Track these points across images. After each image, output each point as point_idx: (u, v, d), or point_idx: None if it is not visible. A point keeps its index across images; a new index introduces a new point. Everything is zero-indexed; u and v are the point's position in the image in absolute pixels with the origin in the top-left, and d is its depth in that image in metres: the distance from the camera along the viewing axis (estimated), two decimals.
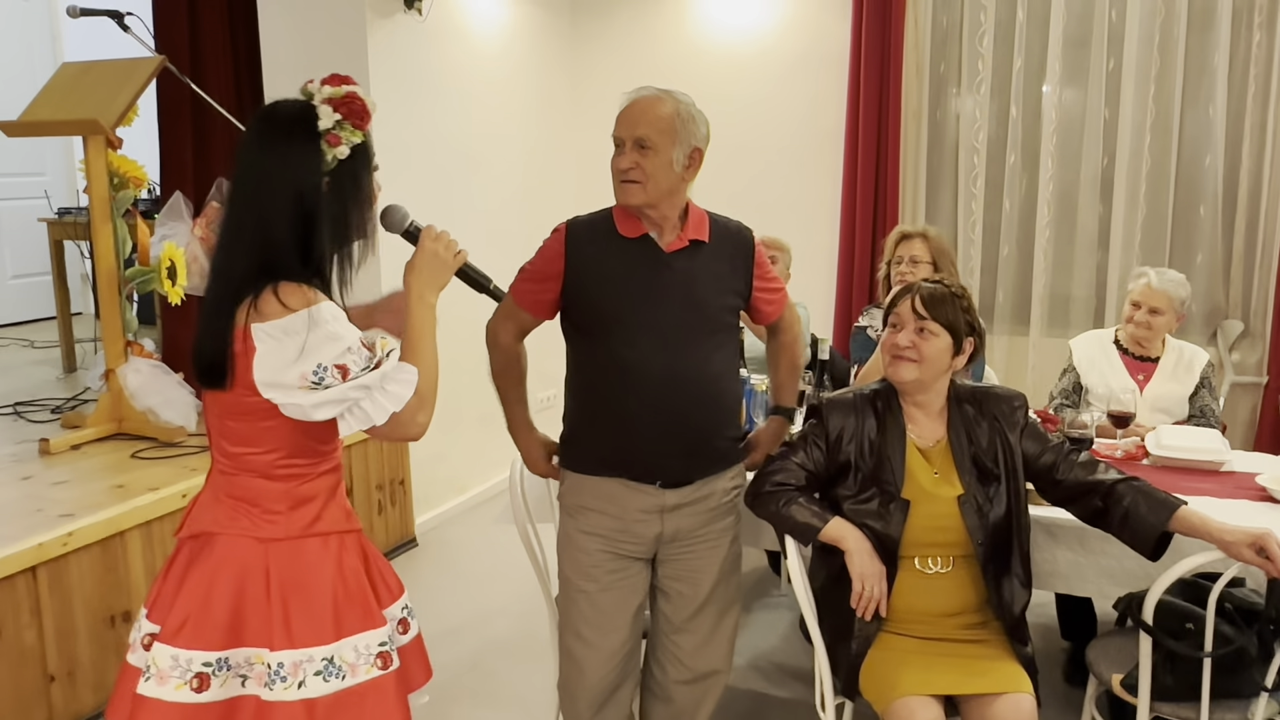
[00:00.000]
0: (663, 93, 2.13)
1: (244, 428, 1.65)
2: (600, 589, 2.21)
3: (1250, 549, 1.97)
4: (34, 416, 4.09)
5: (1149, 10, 4.38)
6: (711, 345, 2.17)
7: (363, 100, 1.65)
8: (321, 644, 1.64)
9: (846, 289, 4.96)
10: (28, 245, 6.53)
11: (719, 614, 2.28)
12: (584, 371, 2.21)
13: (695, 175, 2.16)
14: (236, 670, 1.63)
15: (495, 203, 4.76)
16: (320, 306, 1.56)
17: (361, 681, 1.66)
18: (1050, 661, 3.13)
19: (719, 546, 2.24)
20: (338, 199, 1.63)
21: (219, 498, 1.69)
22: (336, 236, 1.64)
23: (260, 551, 1.64)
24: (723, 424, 2.23)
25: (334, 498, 1.73)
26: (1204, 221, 4.46)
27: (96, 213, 3.60)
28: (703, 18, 5.18)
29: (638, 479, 2.15)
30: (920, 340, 2.18)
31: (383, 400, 1.58)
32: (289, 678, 1.61)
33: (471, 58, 4.67)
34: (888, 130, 4.77)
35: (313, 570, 1.66)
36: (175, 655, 1.60)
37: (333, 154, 1.61)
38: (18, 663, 2.67)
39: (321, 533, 1.69)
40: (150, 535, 3.04)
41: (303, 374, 1.54)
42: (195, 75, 3.93)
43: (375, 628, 1.71)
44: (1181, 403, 3.15)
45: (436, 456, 4.36)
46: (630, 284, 2.12)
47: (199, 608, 1.62)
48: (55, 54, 6.72)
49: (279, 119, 1.64)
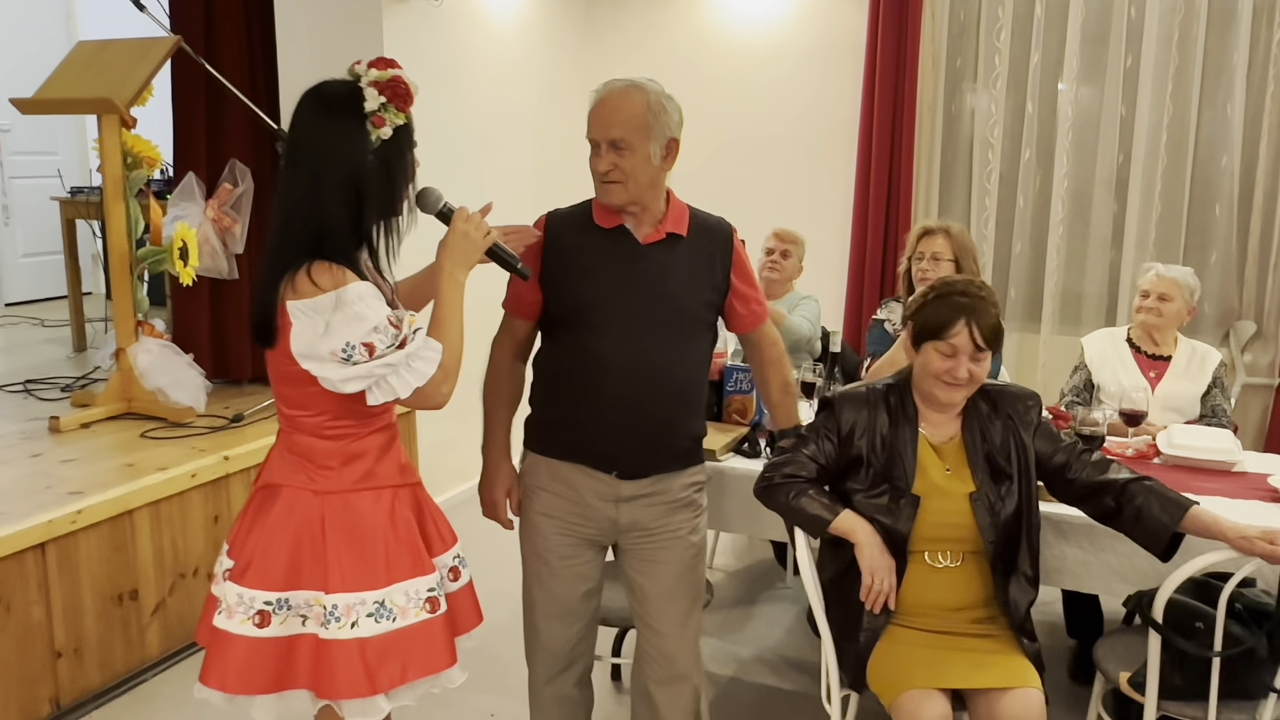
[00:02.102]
0: (630, 85, 2.10)
1: (293, 393, 1.78)
2: (550, 573, 2.22)
3: (1263, 540, 1.96)
4: (44, 395, 4.10)
5: (1168, 8, 4.35)
6: (682, 341, 2.16)
7: (407, 84, 1.74)
8: (373, 588, 1.77)
9: (858, 283, 4.95)
10: (39, 224, 6.55)
11: (684, 610, 2.24)
12: (553, 356, 2.21)
13: (673, 164, 2.14)
14: (297, 610, 1.78)
15: (508, 190, 4.75)
16: (349, 288, 1.66)
17: (411, 624, 1.79)
18: (1056, 659, 3.12)
19: (678, 539, 2.21)
20: (384, 176, 1.74)
21: (283, 453, 1.84)
22: (383, 210, 1.76)
23: (317, 503, 1.78)
24: (686, 421, 2.21)
25: (387, 454, 1.85)
26: (1219, 221, 4.44)
27: (110, 192, 3.60)
28: (717, 7, 5.16)
29: (595, 466, 2.15)
30: (975, 368, 2.15)
31: (407, 376, 1.69)
32: (343, 618, 1.74)
33: (486, 44, 4.66)
34: (902, 124, 4.75)
35: (365, 520, 1.79)
36: (240, 593, 1.76)
37: (377, 134, 1.71)
38: (25, 638, 2.69)
39: (375, 486, 1.82)
40: (159, 514, 3.06)
41: (333, 350, 1.65)
42: (210, 56, 3.92)
43: (425, 574, 1.83)
44: (1193, 402, 3.14)
45: (445, 443, 4.36)
46: (604, 275, 2.11)
47: (262, 552, 1.78)
48: (70, 32, 6.72)
49: (328, 99, 1.73)
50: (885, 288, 4.82)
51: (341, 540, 1.78)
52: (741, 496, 2.64)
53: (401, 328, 1.69)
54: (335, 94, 1.73)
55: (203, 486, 3.20)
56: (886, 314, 3.51)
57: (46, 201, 5.88)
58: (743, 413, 2.96)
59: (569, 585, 2.23)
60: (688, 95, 5.71)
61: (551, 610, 2.25)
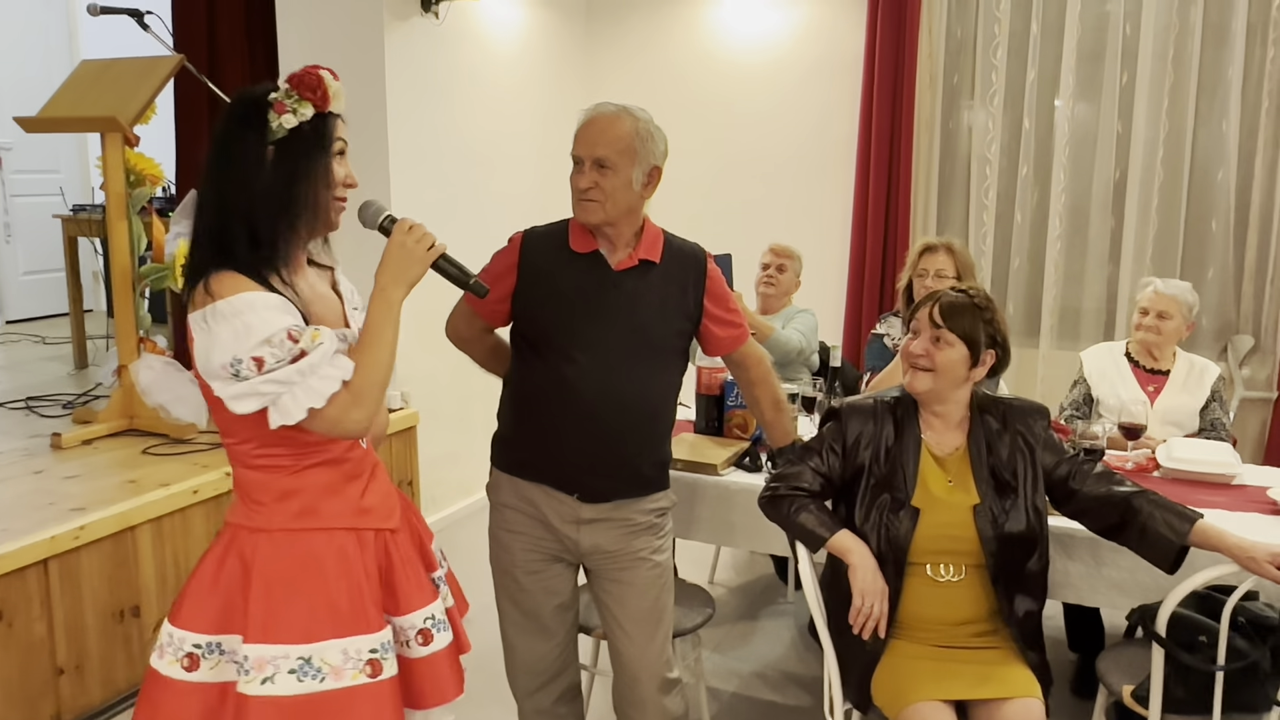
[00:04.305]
0: (621, 110, 2.12)
1: (217, 418, 1.64)
2: (519, 589, 2.24)
3: (1270, 563, 1.96)
4: (46, 411, 4.11)
5: (1163, 25, 4.39)
6: (652, 369, 2.17)
7: (318, 75, 1.60)
8: (299, 641, 1.59)
9: (857, 297, 4.97)
10: (41, 241, 6.56)
11: (648, 633, 2.24)
12: (523, 377, 2.21)
13: (653, 193, 2.15)
14: (230, 656, 1.63)
15: (508, 205, 4.77)
16: (241, 296, 1.52)
17: (345, 686, 1.60)
18: (1058, 673, 3.11)
19: (640, 561, 2.21)
20: (283, 173, 1.58)
21: (234, 488, 1.70)
22: (282, 215, 1.58)
23: (251, 542, 1.63)
24: (651, 448, 2.22)
25: (338, 493, 1.67)
26: (1215, 236, 4.46)
27: (113, 209, 3.62)
28: (717, 25, 5.20)
29: (557, 487, 2.17)
30: (934, 349, 2.18)
31: (301, 395, 1.53)
32: (252, 671, 1.57)
33: (487, 61, 4.69)
34: (900, 140, 4.78)
35: (301, 565, 1.62)
36: (171, 633, 1.65)
37: (278, 121, 1.57)
38: (27, 655, 2.68)
39: (322, 527, 1.64)
40: (161, 531, 3.05)
41: (223, 364, 1.51)
42: (213, 74, 3.95)
43: (369, 631, 1.64)
44: (1192, 415, 3.15)
45: (446, 458, 4.36)
46: (575, 300, 2.12)
47: (195, 590, 1.65)
48: (73, 51, 6.75)
49: (237, 100, 1.63)
50: (885, 302, 4.84)
51: (268, 585, 1.60)
52: (744, 511, 2.65)
53: (300, 341, 1.53)
54: (246, 95, 1.61)
55: (205, 502, 3.20)
56: (885, 328, 3.52)
57: (48, 219, 5.89)
58: (744, 427, 2.97)
59: (539, 600, 2.24)
60: (688, 112, 5.78)
61: (525, 626, 2.27)
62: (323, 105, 1.61)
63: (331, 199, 1.65)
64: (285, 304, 1.56)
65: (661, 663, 2.26)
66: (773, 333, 3.49)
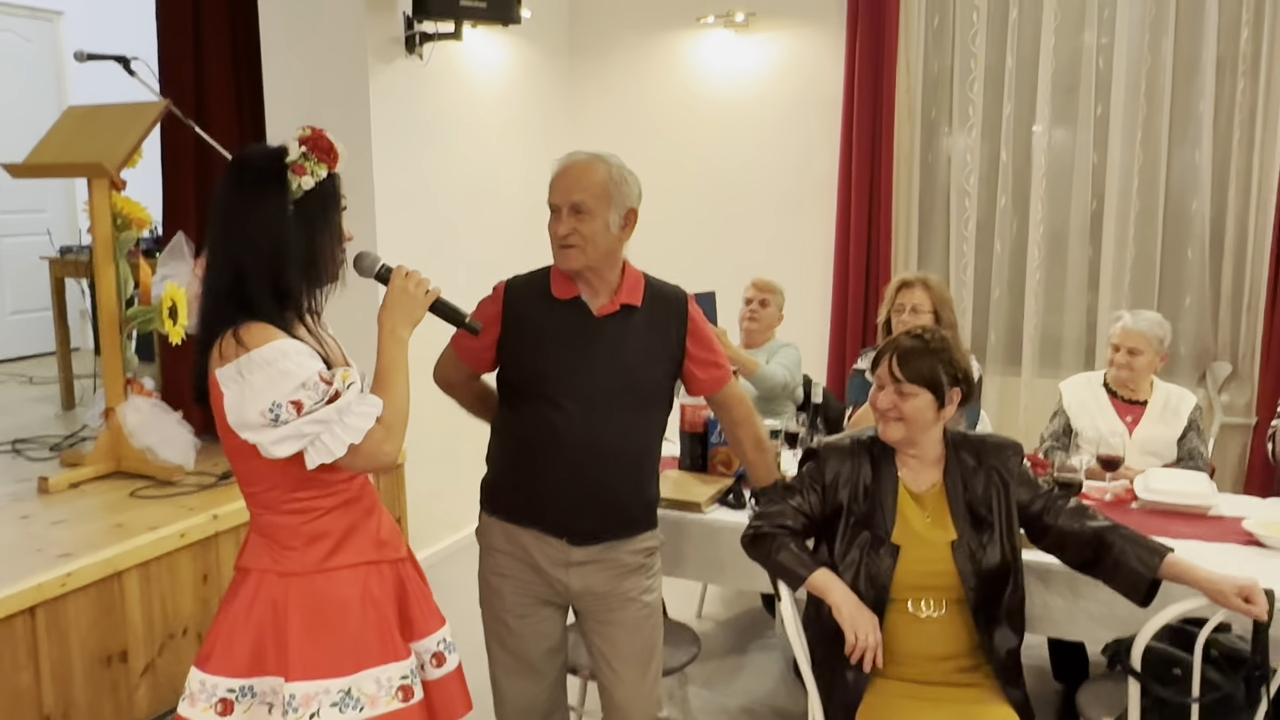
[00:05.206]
0: (594, 157, 2.17)
1: (243, 467, 1.73)
2: (509, 633, 2.27)
3: (1237, 596, 2.00)
4: (32, 454, 4.11)
5: (1135, 59, 4.47)
6: (638, 412, 2.20)
7: (329, 140, 1.73)
8: (339, 675, 1.70)
9: (840, 331, 5.01)
10: (28, 281, 6.59)
11: (638, 673, 2.27)
12: (509, 423, 2.25)
13: (630, 235, 2.20)
14: (263, 698, 1.72)
15: (495, 244, 4.81)
16: (273, 345, 1.62)
17: (382, 713, 1.72)
18: (1042, 703, 3.13)
19: (630, 601, 2.24)
20: (305, 231, 1.70)
21: (251, 534, 1.79)
22: (305, 270, 1.71)
23: (282, 585, 1.72)
24: (638, 490, 2.25)
25: (361, 528, 1.79)
26: (1192, 264, 4.53)
27: (100, 253, 3.63)
28: (698, 61, 5.27)
29: (546, 531, 2.20)
30: (900, 400, 2.21)
31: (341, 433, 1.63)
32: (300, 708, 1.67)
33: (471, 101, 4.75)
34: (880, 173, 4.84)
35: (333, 603, 1.73)
36: (203, 680, 1.71)
37: (298, 183, 1.69)
38: (13, 705, 2.67)
39: (347, 565, 1.76)
40: (148, 575, 3.06)
41: (261, 411, 1.60)
42: (199, 118, 3.99)
43: (398, 660, 1.76)
44: (1170, 445, 3.19)
45: (434, 494, 4.37)
46: (559, 347, 2.15)
47: (225, 637, 1.73)
48: (60, 97, 6.81)
49: (249, 160, 1.73)
50: (867, 336, 4.87)
51: (305, 624, 1.71)
52: (730, 549, 2.66)
53: (334, 383, 1.64)
54: (257, 154, 1.73)
55: (192, 546, 3.21)
56: (865, 363, 3.55)
57: (35, 259, 5.93)
58: (728, 464, 2.99)
59: (529, 644, 2.27)
60: (670, 148, 5.83)
61: (514, 668, 2.29)
62: (334, 165, 1.74)
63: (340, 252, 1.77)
64: (312, 350, 1.67)
65: (651, 702, 2.29)
66: (757, 368, 3.53)
